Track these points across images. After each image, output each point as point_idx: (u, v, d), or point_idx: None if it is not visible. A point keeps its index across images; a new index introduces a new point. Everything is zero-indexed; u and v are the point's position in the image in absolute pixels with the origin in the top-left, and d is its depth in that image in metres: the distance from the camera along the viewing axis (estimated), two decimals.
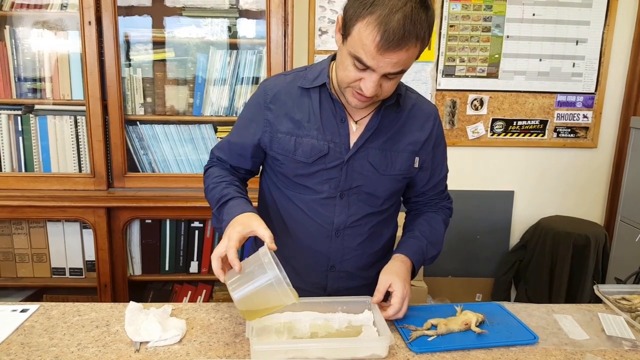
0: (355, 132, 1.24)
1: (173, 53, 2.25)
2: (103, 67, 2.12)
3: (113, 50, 2.11)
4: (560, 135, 3.08)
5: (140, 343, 1.09)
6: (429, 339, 1.13)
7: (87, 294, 2.35)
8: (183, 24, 2.24)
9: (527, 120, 3.04)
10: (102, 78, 2.13)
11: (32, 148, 2.22)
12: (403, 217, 1.45)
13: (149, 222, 2.29)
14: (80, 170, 2.26)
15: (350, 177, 1.24)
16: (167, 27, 2.24)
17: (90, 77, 2.11)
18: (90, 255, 2.29)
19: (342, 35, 1.09)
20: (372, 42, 1.00)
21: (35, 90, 2.21)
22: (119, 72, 2.14)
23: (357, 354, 1.05)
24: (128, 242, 2.28)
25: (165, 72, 2.25)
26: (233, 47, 2.27)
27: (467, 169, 3.07)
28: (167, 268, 2.34)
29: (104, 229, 2.16)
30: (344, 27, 1.06)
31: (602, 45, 2.97)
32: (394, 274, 1.22)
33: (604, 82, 3.02)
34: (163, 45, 2.25)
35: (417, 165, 1.29)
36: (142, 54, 2.24)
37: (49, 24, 2.17)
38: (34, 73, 2.19)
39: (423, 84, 2.93)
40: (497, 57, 2.95)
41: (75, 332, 1.13)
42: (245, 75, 2.28)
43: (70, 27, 2.17)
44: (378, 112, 1.24)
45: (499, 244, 3.19)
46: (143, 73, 2.23)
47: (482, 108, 3.00)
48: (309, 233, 1.29)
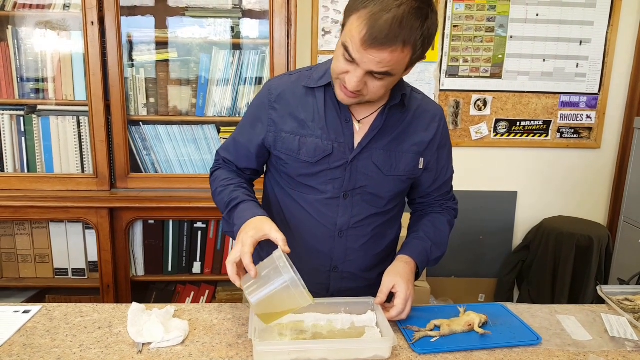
0: (360, 132, 1.24)
1: (176, 53, 2.26)
2: (106, 67, 2.13)
3: (116, 51, 2.11)
4: (564, 136, 3.07)
5: (143, 344, 1.09)
6: (432, 340, 1.13)
7: (89, 295, 2.35)
8: (186, 24, 2.24)
9: (530, 121, 3.03)
10: (104, 78, 2.13)
11: (34, 148, 2.22)
12: (408, 217, 1.45)
13: (152, 222, 2.29)
14: (83, 171, 2.26)
15: (354, 177, 1.24)
16: (170, 27, 2.24)
17: (93, 77, 2.11)
18: (93, 256, 2.29)
19: (342, 26, 1.10)
20: (358, 35, 1.01)
21: (38, 91, 2.21)
22: (122, 72, 2.14)
23: (360, 355, 1.05)
24: (131, 242, 2.28)
25: (168, 72, 2.26)
26: (236, 47, 2.27)
27: (470, 170, 3.07)
28: (169, 269, 2.34)
29: (107, 230, 2.16)
30: (344, 17, 1.08)
31: (605, 46, 2.96)
32: (398, 275, 1.22)
33: (608, 82, 3.01)
34: (166, 46, 2.25)
35: (421, 166, 1.29)
36: (145, 54, 2.24)
37: (52, 24, 2.17)
38: (37, 73, 2.20)
39: (426, 84, 2.93)
40: (500, 57, 2.94)
41: (78, 333, 1.13)
42: (248, 76, 2.28)
43: (73, 27, 2.17)
44: (383, 112, 1.23)
45: (502, 245, 3.19)
46: (146, 73, 2.24)
47: (485, 108, 2.99)
48: (312, 233, 1.29)
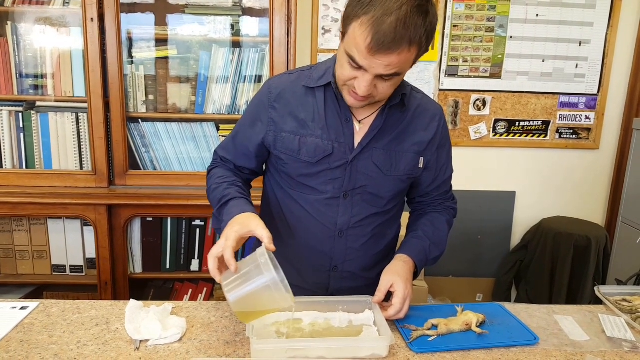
0: (360, 132, 1.24)
1: (175, 51, 2.25)
2: (105, 64, 2.13)
3: (115, 48, 2.11)
4: (563, 137, 3.08)
5: (140, 341, 1.09)
6: (430, 339, 1.13)
7: (87, 292, 2.35)
8: (186, 22, 2.24)
9: (529, 121, 3.04)
10: (104, 75, 2.13)
11: (33, 145, 2.22)
12: (407, 217, 1.45)
13: (150, 220, 2.29)
14: (82, 168, 2.26)
15: (355, 177, 1.24)
16: (169, 24, 2.24)
17: (92, 74, 2.11)
18: (91, 253, 2.29)
19: (341, 33, 1.09)
20: (363, 42, 0.99)
21: (37, 87, 2.21)
22: (121, 69, 2.14)
23: (357, 354, 1.05)
24: (129, 239, 2.28)
25: (168, 69, 2.25)
26: (236, 45, 2.27)
27: (469, 170, 3.07)
28: (168, 266, 2.34)
29: (105, 227, 2.16)
30: (343, 25, 1.07)
31: (605, 47, 2.96)
32: (396, 274, 1.22)
33: (607, 83, 3.01)
34: (166, 43, 2.25)
35: (421, 166, 1.29)
36: (144, 51, 2.24)
37: (51, 21, 2.17)
38: (36, 70, 2.19)
39: (426, 84, 2.93)
40: (500, 57, 2.95)
41: (75, 329, 1.13)
42: (248, 74, 2.27)
43: (73, 23, 2.17)
44: (383, 112, 1.23)
45: (500, 244, 3.19)
46: (145, 70, 2.23)
47: (484, 108, 2.99)
48: (312, 233, 1.28)
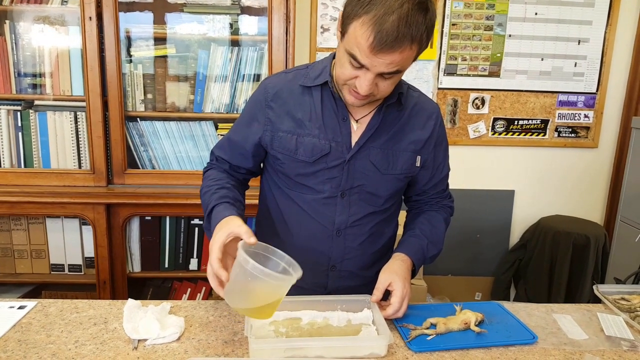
0: (357, 131, 1.24)
1: (174, 49, 2.25)
2: (103, 63, 2.12)
3: (114, 46, 2.10)
4: (561, 135, 3.08)
5: (139, 340, 1.08)
6: (428, 338, 1.13)
7: (86, 291, 2.34)
8: (184, 20, 2.23)
9: (528, 120, 3.04)
10: (102, 74, 2.13)
11: (31, 144, 2.21)
12: (404, 215, 1.45)
13: (149, 219, 2.28)
14: (80, 167, 2.26)
15: (352, 176, 1.24)
16: (168, 23, 2.23)
17: (91, 73, 2.10)
18: (90, 252, 2.28)
19: (340, 32, 1.08)
20: (365, 41, 0.99)
21: (35, 86, 2.20)
22: (120, 68, 2.13)
23: (356, 353, 1.05)
24: (127, 238, 2.27)
25: (166, 68, 2.25)
26: (234, 43, 2.27)
27: (467, 168, 3.07)
28: (166, 265, 2.34)
29: (104, 226, 2.16)
30: (342, 24, 1.06)
31: (604, 45, 2.96)
32: (394, 273, 1.22)
33: (606, 82, 3.02)
34: (164, 42, 2.24)
35: (418, 164, 1.29)
36: (143, 50, 2.23)
37: (50, 19, 2.16)
38: (34, 68, 2.19)
39: (425, 83, 2.93)
40: (499, 56, 2.94)
41: (73, 329, 1.13)
42: (247, 72, 2.27)
43: (71, 22, 2.16)
44: (380, 110, 1.23)
45: (499, 243, 3.19)
46: (144, 69, 2.23)
47: (483, 107, 2.99)
48: (310, 233, 1.28)
